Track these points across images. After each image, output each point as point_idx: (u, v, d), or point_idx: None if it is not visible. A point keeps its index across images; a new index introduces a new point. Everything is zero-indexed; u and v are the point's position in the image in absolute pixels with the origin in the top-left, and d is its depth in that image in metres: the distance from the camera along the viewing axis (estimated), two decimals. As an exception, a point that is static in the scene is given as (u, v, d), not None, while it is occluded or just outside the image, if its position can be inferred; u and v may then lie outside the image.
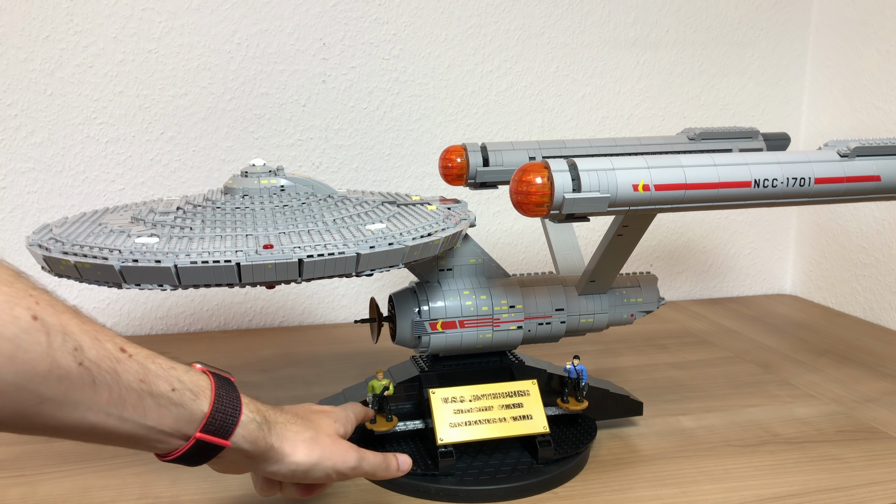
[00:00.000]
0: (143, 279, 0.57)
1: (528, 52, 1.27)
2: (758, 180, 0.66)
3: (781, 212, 1.46)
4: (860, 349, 1.13)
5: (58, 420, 0.44)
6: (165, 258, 0.57)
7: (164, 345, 1.11)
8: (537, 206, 0.62)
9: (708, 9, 1.34)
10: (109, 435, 0.47)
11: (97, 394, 0.44)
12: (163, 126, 1.14)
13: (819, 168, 0.68)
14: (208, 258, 0.57)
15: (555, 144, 0.89)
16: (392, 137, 1.23)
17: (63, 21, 1.08)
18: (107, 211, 0.75)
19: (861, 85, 1.30)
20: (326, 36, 1.18)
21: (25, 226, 1.11)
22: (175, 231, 0.63)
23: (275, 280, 0.59)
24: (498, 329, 0.75)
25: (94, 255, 0.58)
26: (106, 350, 0.45)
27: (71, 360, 0.42)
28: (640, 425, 0.85)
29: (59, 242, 0.61)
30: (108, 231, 0.64)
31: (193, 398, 0.50)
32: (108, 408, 0.45)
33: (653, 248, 1.40)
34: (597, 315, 0.80)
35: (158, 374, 0.48)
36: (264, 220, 0.65)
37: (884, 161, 0.70)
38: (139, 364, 0.47)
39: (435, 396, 0.73)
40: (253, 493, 0.69)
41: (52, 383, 0.42)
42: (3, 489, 0.70)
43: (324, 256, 0.59)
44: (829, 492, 0.71)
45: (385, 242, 0.62)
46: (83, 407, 0.44)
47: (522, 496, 0.69)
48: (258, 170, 0.71)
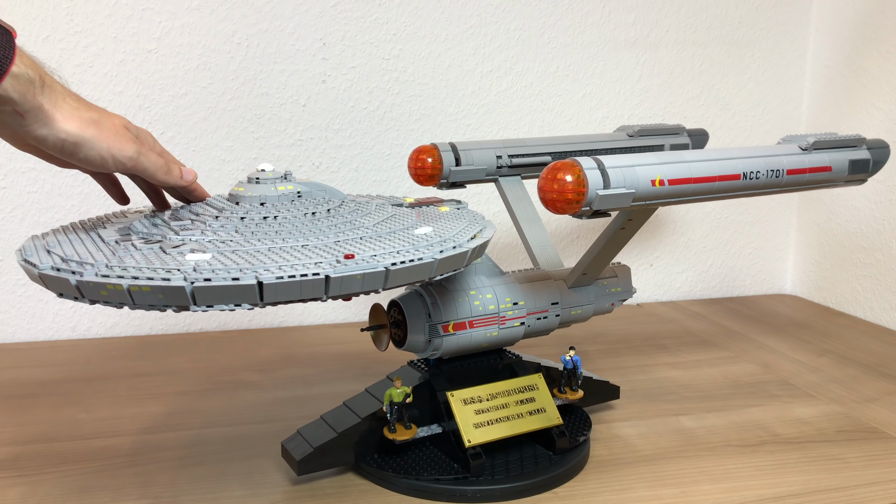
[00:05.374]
0: (217, 299, 0.51)
1: (528, 52, 1.27)
2: (745, 173, 0.73)
3: (781, 212, 1.46)
4: (860, 349, 1.13)
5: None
6: (244, 275, 0.51)
7: (163, 345, 1.12)
8: (570, 203, 0.65)
9: (708, 9, 1.34)
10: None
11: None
12: (163, 126, 1.14)
13: (788, 161, 0.77)
14: (294, 272, 0.51)
15: (516, 143, 0.91)
16: (392, 137, 1.23)
17: (63, 21, 1.08)
18: (82, 224, 0.69)
19: (861, 85, 1.30)
20: (326, 36, 1.18)
21: (25, 226, 1.11)
22: (218, 245, 0.57)
23: (360, 291, 0.55)
24: (504, 327, 0.76)
25: (151, 277, 0.51)
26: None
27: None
28: (640, 425, 0.85)
29: (90, 265, 0.53)
30: (131, 247, 0.58)
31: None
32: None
33: (653, 248, 1.40)
34: (584, 306, 0.83)
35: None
36: (303, 229, 0.61)
37: (834, 154, 0.81)
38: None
39: (454, 399, 0.72)
40: (253, 493, 0.69)
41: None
42: (3, 489, 0.70)
43: (405, 264, 0.56)
44: (830, 492, 0.71)
45: (449, 246, 0.60)
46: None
47: (522, 496, 0.69)
48: (270, 175, 0.67)
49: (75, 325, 1.16)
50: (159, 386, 0.95)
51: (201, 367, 1.03)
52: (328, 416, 0.75)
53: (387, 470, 0.70)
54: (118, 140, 0.60)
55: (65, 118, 0.57)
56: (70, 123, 0.58)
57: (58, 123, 0.57)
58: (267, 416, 0.87)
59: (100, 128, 0.59)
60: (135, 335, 1.16)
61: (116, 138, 0.60)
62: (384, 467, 0.71)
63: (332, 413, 0.75)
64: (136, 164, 0.62)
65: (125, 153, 0.61)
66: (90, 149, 0.59)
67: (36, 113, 0.56)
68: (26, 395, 0.92)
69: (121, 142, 0.61)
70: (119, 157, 0.61)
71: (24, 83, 0.54)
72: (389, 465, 0.71)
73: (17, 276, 1.13)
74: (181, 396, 0.92)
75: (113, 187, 0.71)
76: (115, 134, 0.60)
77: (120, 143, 0.60)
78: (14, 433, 0.81)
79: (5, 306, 1.13)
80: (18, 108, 0.55)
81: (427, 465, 0.71)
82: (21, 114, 0.56)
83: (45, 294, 1.14)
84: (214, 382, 0.97)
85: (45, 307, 1.14)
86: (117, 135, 0.61)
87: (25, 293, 1.13)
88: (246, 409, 0.89)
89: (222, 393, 0.93)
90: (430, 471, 0.70)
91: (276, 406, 0.90)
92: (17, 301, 1.14)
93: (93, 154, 0.59)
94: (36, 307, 1.14)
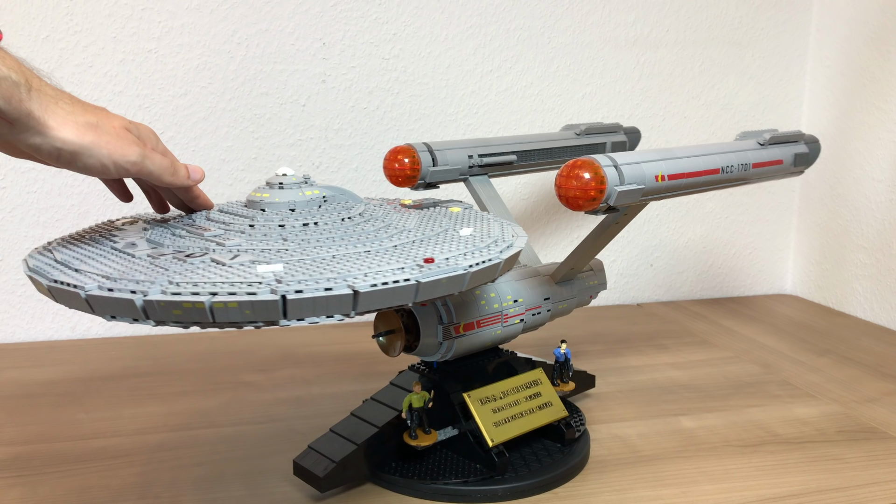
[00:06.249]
0: (309, 312, 0.48)
1: (528, 51, 1.27)
2: (723, 167, 0.78)
3: (781, 212, 1.46)
4: (860, 349, 1.13)
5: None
6: (336, 285, 0.48)
7: (163, 345, 1.12)
8: (592, 200, 0.67)
9: (708, 9, 1.34)
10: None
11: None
12: (163, 126, 1.14)
13: (753, 156, 0.83)
14: (384, 279, 0.50)
15: (481, 142, 0.92)
16: (392, 137, 1.23)
17: (63, 21, 1.08)
18: (76, 238, 0.64)
19: (861, 85, 1.30)
20: (326, 36, 1.18)
21: (25, 225, 1.11)
22: (274, 255, 0.54)
23: (444, 295, 0.53)
24: (506, 325, 0.76)
25: (233, 292, 0.47)
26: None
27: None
28: (640, 425, 0.85)
29: (148, 283, 0.48)
30: (174, 262, 0.53)
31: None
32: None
33: (653, 247, 1.40)
34: (569, 300, 0.85)
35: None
36: (350, 235, 0.59)
37: (784, 148, 0.87)
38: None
39: (472, 399, 0.72)
40: (253, 494, 0.69)
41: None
42: (3, 489, 0.70)
43: (480, 266, 0.55)
44: (830, 492, 0.71)
45: (505, 246, 0.60)
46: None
47: (522, 496, 0.69)
48: (293, 179, 0.65)
49: (75, 326, 1.16)
50: (159, 386, 0.95)
51: (201, 367, 1.03)
52: (339, 429, 0.72)
53: (412, 477, 0.69)
54: (120, 144, 0.56)
55: (59, 125, 0.53)
56: (65, 130, 0.53)
57: (52, 131, 0.53)
58: (267, 416, 0.87)
59: (99, 132, 0.55)
60: (135, 335, 1.16)
61: (118, 143, 0.56)
62: (407, 474, 0.70)
63: (343, 425, 0.73)
64: (141, 168, 0.58)
65: (128, 158, 0.57)
66: (90, 156, 0.55)
67: (26, 121, 0.51)
68: (26, 395, 0.92)
69: (123, 146, 0.56)
70: (122, 163, 0.56)
71: (8, 87, 0.50)
72: (411, 472, 0.70)
73: (17, 276, 1.13)
74: (181, 396, 0.92)
75: (116, 184, 0.68)
76: (116, 138, 0.56)
77: (122, 148, 0.56)
78: (14, 433, 0.81)
79: (5, 306, 1.13)
80: (5, 115, 0.51)
81: (445, 469, 0.71)
82: (9, 122, 0.51)
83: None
84: (214, 382, 0.97)
85: (44, 307, 1.14)
86: (118, 138, 0.57)
87: (25, 293, 1.13)
88: (246, 409, 0.89)
89: (222, 393, 0.93)
90: (449, 474, 0.70)
91: (276, 406, 0.90)
92: (16, 301, 1.13)
93: (93, 162, 0.55)
94: (36, 307, 1.14)
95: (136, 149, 0.57)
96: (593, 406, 0.90)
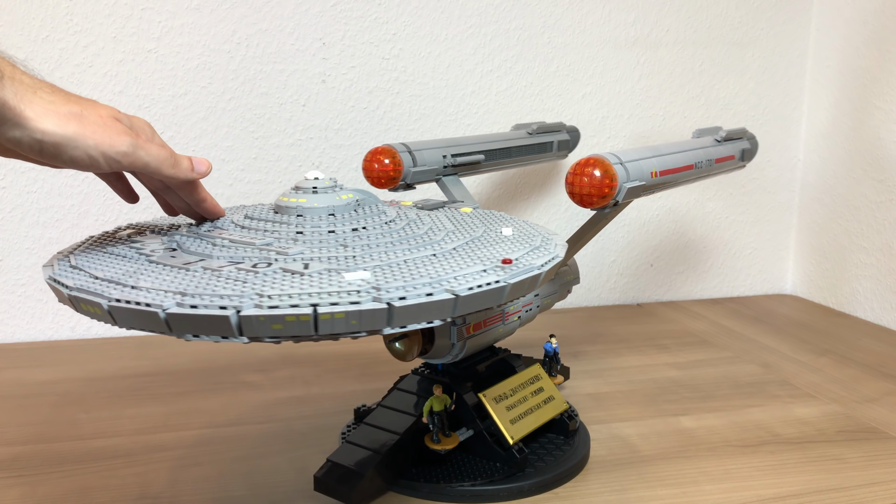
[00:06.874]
0: (412, 318, 0.47)
1: (528, 51, 1.27)
2: (696, 163, 0.84)
3: (781, 212, 1.46)
4: (861, 349, 1.13)
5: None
6: (436, 290, 0.47)
7: (163, 345, 1.12)
8: (604, 197, 0.70)
9: (708, 9, 1.34)
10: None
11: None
12: (163, 126, 1.14)
13: (715, 151, 0.89)
14: (479, 282, 0.49)
15: (450, 142, 0.93)
16: (392, 137, 1.23)
17: (63, 21, 1.08)
18: (105, 243, 0.61)
19: (861, 85, 1.30)
20: (326, 36, 1.18)
21: (25, 226, 1.11)
22: (340, 261, 0.53)
23: (522, 295, 0.53)
24: (507, 322, 0.77)
25: (335, 303, 0.44)
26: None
27: None
28: (640, 425, 0.85)
29: (241, 298, 0.45)
30: (236, 272, 0.51)
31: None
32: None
33: (653, 248, 1.40)
34: (552, 295, 0.86)
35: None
36: (403, 238, 0.58)
37: (733, 144, 0.94)
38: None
39: (487, 398, 0.72)
40: (253, 494, 0.69)
41: None
42: (3, 489, 0.70)
43: (548, 265, 0.54)
44: (830, 492, 0.71)
45: (552, 244, 0.59)
46: None
47: (523, 496, 0.69)
48: (326, 183, 0.63)
49: (75, 326, 1.16)
50: (159, 386, 0.95)
51: (201, 367, 1.03)
52: (356, 438, 0.70)
53: (437, 482, 0.68)
54: (107, 134, 0.51)
55: (39, 115, 0.49)
56: (46, 121, 0.49)
57: (31, 122, 0.48)
58: (267, 416, 0.87)
59: (83, 122, 0.50)
60: (135, 335, 1.16)
61: (105, 132, 0.51)
62: (431, 479, 0.69)
63: (359, 434, 0.71)
64: (134, 158, 0.53)
65: (118, 148, 0.52)
66: (74, 148, 0.50)
67: (0, 111, 0.47)
68: (26, 395, 0.92)
69: (111, 135, 0.51)
70: (111, 154, 0.51)
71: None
72: (430, 476, 0.70)
73: (17, 276, 1.13)
74: (181, 396, 0.92)
75: (119, 184, 0.63)
76: (102, 127, 0.51)
77: (110, 138, 0.51)
78: (14, 433, 0.81)
79: (5, 306, 1.13)
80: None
81: (462, 470, 0.70)
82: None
83: (45, 294, 1.14)
84: (214, 382, 0.97)
85: (44, 307, 1.14)
86: (105, 128, 0.51)
87: (25, 293, 1.13)
88: (246, 409, 0.89)
89: (222, 393, 0.93)
90: (465, 476, 0.69)
91: (276, 406, 0.90)
92: (16, 301, 1.13)
93: (79, 154, 0.50)
94: (36, 307, 1.14)
95: (126, 138, 0.53)
96: (593, 406, 0.90)
